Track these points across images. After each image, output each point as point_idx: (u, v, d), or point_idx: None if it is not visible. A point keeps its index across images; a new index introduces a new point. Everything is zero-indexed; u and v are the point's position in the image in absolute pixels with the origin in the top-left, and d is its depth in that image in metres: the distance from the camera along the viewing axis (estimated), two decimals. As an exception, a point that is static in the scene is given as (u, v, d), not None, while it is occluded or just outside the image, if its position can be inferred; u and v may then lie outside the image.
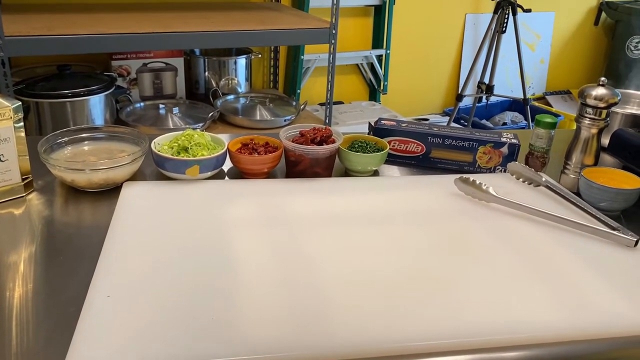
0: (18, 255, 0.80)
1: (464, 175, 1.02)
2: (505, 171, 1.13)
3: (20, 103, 0.92)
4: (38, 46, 1.63)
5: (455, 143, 1.13)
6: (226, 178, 1.06)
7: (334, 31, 1.99)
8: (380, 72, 2.84)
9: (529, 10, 2.74)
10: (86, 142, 1.06)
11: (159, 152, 1.00)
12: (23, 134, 0.94)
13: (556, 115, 2.89)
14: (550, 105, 3.21)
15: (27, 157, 0.95)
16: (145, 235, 0.83)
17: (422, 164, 1.16)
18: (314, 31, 1.98)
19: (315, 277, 0.77)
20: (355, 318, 0.69)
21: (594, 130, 1.06)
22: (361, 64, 2.84)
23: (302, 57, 2.58)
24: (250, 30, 1.88)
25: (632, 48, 3.08)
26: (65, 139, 1.04)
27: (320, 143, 1.05)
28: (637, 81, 3.07)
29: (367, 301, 0.73)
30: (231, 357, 0.62)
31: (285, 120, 2.14)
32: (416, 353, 0.66)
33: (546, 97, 3.29)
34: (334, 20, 1.99)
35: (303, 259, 0.80)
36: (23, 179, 0.95)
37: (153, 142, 1.03)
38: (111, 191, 0.98)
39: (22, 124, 0.93)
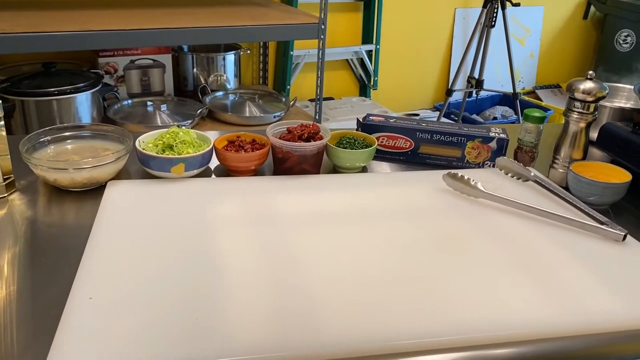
0: (0, 257, 0.79)
1: (453, 171, 1.01)
2: (494, 166, 1.13)
3: (0, 102, 0.91)
4: (23, 43, 1.60)
5: (444, 138, 1.12)
6: (213, 176, 1.05)
7: (323, 26, 1.98)
8: (370, 67, 2.83)
9: (517, 4, 2.73)
10: (69, 141, 1.04)
11: (144, 150, 0.99)
12: (4, 133, 0.92)
13: (546, 109, 2.89)
14: (540, 100, 3.21)
15: (9, 156, 0.94)
16: (129, 235, 0.82)
17: (411, 160, 1.15)
18: (303, 26, 1.96)
19: (302, 275, 0.76)
20: (343, 316, 0.69)
21: (583, 124, 1.05)
22: (351, 59, 2.83)
23: (292, 52, 2.56)
24: (238, 26, 1.86)
25: (621, 41, 3.09)
26: (48, 137, 1.02)
27: (307, 139, 1.04)
28: (626, 75, 3.08)
29: (355, 299, 0.72)
30: (216, 358, 0.61)
31: (275, 117, 2.13)
32: (405, 351, 0.65)
33: (536, 91, 3.29)
34: (322, 15, 1.97)
35: (290, 257, 0.79)
36: (4, 179, 0.94)
37: (137, 140, 1.01)
38: (95, 190, 0.97)
39: (2, 122, 0.91)
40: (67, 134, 1.04)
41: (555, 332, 0.70)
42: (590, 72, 1.03)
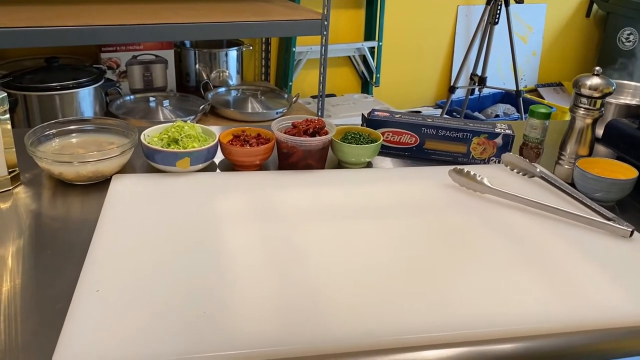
0: (5, 250, 0.79)
1: (458, 167, 1.01)
2: (499, 162, 1.13)
3: (6, 94, 0.90)
4: (25, 38, 1.60)
5: (449, 134, 1.12)
6: (217, 170, 1.05)
7: (325, 22, 1.98)
8: (373, 64, 2.82)
9: (521, 2, 2.73)
10: (74, 134, 1.04)
11: (149, 144, 0.98)
12: (9, 126, 0.92)
13: (548, 107, 2.88)
14: (542, 97, 3.21)
15: (14, 149, 0.93)
16: (134, 229, 0.82)
17: (416, 156, 1.15)
18: (305, 23, 1.96)
19: (307, 269, 0.75)
20: (348, 311, 0.68)
21: (589, 121, 1.05)
22: (353, 56, 2.82)
23: (294, 49, 2.56)
24: (241, 22, 1.86)
25: (624, 40, 3.09)
26: (53, 131, 1.02)
27: (313, 134, 1.04)
28: (629, 73, 3.07)
29: (359, 294, 0.72)
30: (222, 352, 0.61)
31: (277, 113, 2.13)
32: (410, 346, 0.65)
33: (538, 89, 3.29)
34: (325, 11, 1.97)
35: (295, 252, 0.79)
36: (9, 172, 0.93)
37: (143, 134, 1.01)
38: (100, 184, 0.96)
39: (7, 115, 0.91)
40: (72, 127, 1.04)
41: (562, 327, 0.69)
42: (597, 67, 1.03)
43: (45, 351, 0.61)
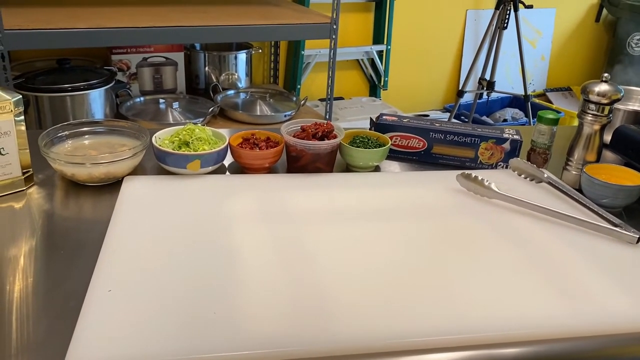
0: (18, 249, 0.80)
1: (466, 171, 1.01)
2: (507, 167, 1.13)
3: (21, 96, 0.92)
4: (37, 40, 1.62)
5: (457, 139, 1.12)
6: (227, 173, 1.06)
7: (334, 26, 1.99)
8: (381, 67, 2.83)
9: (530, 7, 2.73)
10: (87, 136, 1.05)
11: (160, 147, 0.99)
12: (23, 128, 0.93)
13: (557, 112, 2.88)
14: (551, 102, 3.21)
15: (28, 150, 0.95)
16: (146, 230, 0.83)
17: (424, 160, 1.15)
18: (314, 26, 1.97)
19: (315, 272, 0.76)
20: (356, 314, 0.69)
21: (597, 127, 1.05)
22: (362, 59, 2.83)
23: (303, 52, 2.57)
24: (250, 25, 1.87)
25: (633, 45, 3.08)
26: (66, 132, 1.03)
27: (321, 138, 1.04)
28: (637, 78, 3.06)
29: (367, 297, 0.72)
30: (232, 352, 0.62)
31: (285, 116, 2.14)
32: (417, 349, 0.66)
33: (547, 93, 3.29)
34: (334, 15, 1.98)
35: (303, 254, 0.80)
36: (23, 173, 0.95)
37: (154, 136, 1.02)
38: (112, 185, 0.98)
39: (22, 117, 0.93)
40: (84, 129, 1.05)
41: (567, 332, 0.70)
42: (606, 74, 1.03)
43: (58, 349, 0.62)
